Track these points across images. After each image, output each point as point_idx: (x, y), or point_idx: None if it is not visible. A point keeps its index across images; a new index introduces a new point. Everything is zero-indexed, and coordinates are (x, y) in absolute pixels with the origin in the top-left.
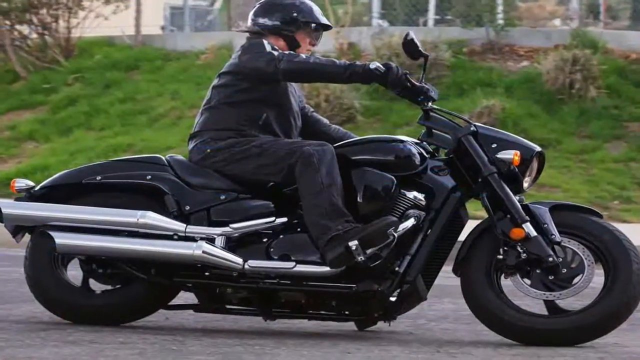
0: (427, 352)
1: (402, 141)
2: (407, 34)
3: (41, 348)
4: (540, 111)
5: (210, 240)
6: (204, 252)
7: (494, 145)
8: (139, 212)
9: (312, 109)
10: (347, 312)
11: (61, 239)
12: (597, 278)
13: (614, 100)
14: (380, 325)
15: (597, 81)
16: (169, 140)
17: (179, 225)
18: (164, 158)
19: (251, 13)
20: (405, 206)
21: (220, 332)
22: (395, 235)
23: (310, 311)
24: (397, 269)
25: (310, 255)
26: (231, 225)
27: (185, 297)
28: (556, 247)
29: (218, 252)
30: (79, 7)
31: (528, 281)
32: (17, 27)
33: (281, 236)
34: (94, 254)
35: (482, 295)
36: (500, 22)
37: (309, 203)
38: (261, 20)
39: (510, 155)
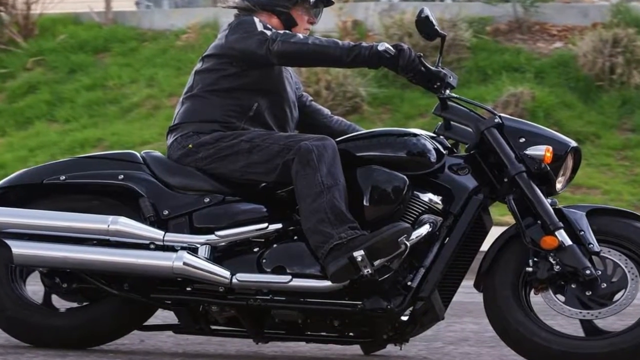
0: None
1: (415, 135)
2: (422, 11)
3: None
4: (575, 100)
5: (193, 250)
6: (185, 263)
7: (522, 140)
8: (110, 218)
9: (310, 98)
10: (351, 334)
11: (19, 249)
12: None
13: None
14: (390, 348)
15: None
16: (145, 134)
17: (156, 233)
18: (138, 155)
19: None
20: (419, 210)
21: (204, 357)
22: (408, 244)
23: (309, 332)
24: (409, 283)
25: (309, 267)
26: (217, 233)
27: (164, 316)
28: (594, 258)
29: (202, 264)
30: None
31: (562, 297)
32: None
33: (275, 245)
34: (58, 266)
35: (508, 313)
36: None
37: (307, 207)
38: None
39: (541, 151)
